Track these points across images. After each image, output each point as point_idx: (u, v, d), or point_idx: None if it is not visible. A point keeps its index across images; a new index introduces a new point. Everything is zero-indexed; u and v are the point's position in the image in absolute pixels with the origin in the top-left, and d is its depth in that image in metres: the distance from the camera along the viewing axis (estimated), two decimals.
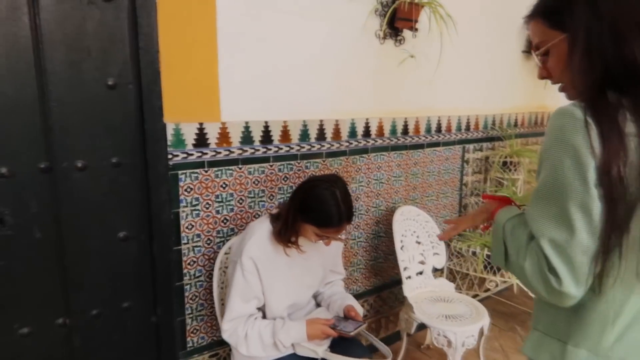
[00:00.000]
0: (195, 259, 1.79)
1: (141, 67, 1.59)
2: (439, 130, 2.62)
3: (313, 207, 1.46)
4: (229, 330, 1.53)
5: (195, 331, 1.84)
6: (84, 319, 1.61)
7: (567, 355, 0.89)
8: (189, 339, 1.83)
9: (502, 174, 2.86)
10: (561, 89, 0.96)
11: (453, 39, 2.32)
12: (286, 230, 1.51)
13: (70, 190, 1.53)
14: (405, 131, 2.43)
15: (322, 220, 1.46)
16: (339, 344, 1.61)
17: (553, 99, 3.42)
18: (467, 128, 2.79)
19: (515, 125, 3.15)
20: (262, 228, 1.56)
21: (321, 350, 1.52)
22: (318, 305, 1.79)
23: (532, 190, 0.90)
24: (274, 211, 1.62)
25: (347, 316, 1.64)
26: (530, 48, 3.05)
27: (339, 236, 1.61)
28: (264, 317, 1.61)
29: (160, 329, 1.76)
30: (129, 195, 1.64)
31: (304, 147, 2.03)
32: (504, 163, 2.86)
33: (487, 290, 2.91)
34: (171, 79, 1.63)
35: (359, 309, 1.69)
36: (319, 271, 1.69)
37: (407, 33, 2.29)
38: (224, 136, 1.78)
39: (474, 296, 2.83)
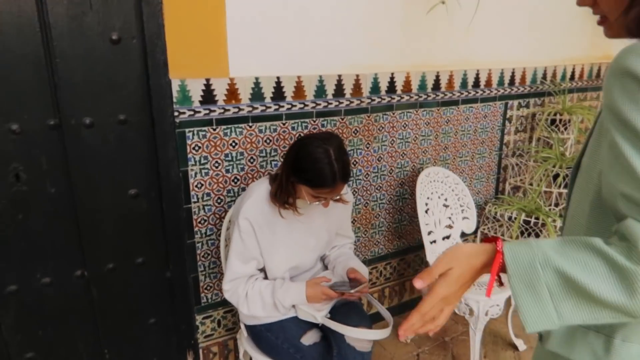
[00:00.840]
0: (205, 218, 1.79)
1: (144, 20, 1.54)
2: (476, 85, 2.39)
3: (305, 167, 1.38)
4: (230, 290, 1.54)
5: (209, 287, 1.88)
6: (100, 272, 1.68)
7: (614, 350, 0.71)
8: (202, 294, 1.87)
9: (549, 133, 2.60)
10: (601, 22, 0.74)
11: None
12: (281, 192, 1.45)
13: (79, 147, 1.55)
14: (436, 86, 2.24)
15: (315, 180, 1.38)
16: (339, 311, 1.57)
17: (621, 47, 3.01)
18: (511, 82, 2.53)
19: (572, 78, 2.82)
20: (260, 189, 1.52)
21: (320, 315, 1.49)
22: (325, 268, 1.75)
23: (607, 154, 0.64)
24: (274, 172, 1.56)
25: (350, 278, 1.59)
26: None
27: (343, 197, 1.53)
28: (266, 278, 1.60)
29: (174, 284, 1.81)
30: (137, 152, 1.64)
31: (319, 104, 1.93)
32: (552, 121, 2.59)
33: None
34: (176, 32, 1.57)
35: (363, 271, 1.63)
36: (323, 234, 1.64)
37: None
38: (232, 92, 1.72)
39: None
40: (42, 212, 1.54)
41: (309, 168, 1.37)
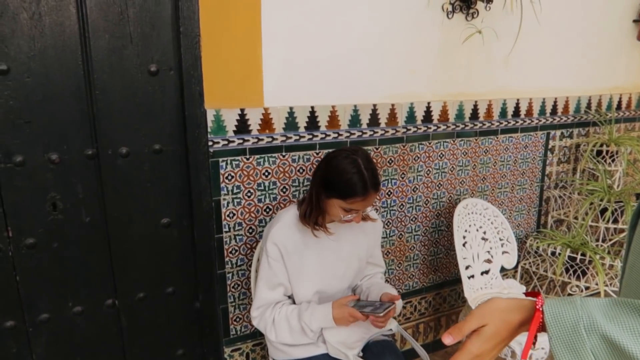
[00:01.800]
0: (237, 248, 1.77)
1: (182, 52, 1.56)
2: (516, 114, 2.31)
3: (335, 179, 1.36)
4: (257, 317, 1.51)
5: (238, 319, 1.84)
6: (131, 301, 1.67)
7: None
8: (232, 326, 1.83)
9: (596, 164, 2.47)
10: None
11: (536, 9, 1.99)
12: (312, 211, 1.43)
13: (114, 176, 1.56)
14: (474, 116, 2.18)
15: (346, 190, 1.35)
16: (372, 350, 1.49)
17: None
18: (553, 111, 2.43)
19: (619, 107, 2.69)
20: (288, 214, 1.50)
21: (352, 354, 1.42)
22: None
23: None
24: (301, 197, 1.53)
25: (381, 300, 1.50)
26: None
27: (370, 215, 1.50)
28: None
29: (203, 314, 1.78)
30: (171, 181, 1.65)
31: (354, 134, 1.89)
32: (599, 152, 2.46)
33: (570, 295, 2.56)
34: (212, 63, 1.58)
35: (399, 302, 1.54)
36: (353, 261, 1.58)
37: (480, 5, 2.01)
38: (266, 122, 1.71)
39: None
40: (77, 241, 1.55)
41: (339, 180, 1.35)
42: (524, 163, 2.43)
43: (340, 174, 1.35)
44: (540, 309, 0.62)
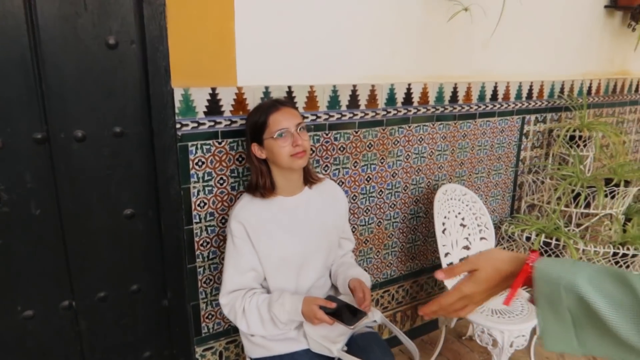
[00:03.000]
0: (208, 240, 1.63)
1: (145, 22, 1.38)
2: (494, 98, 2.27)
3: (253, 122, 1.42)
4: (227, 305, 1.41)
5: (210, 316, 1.70)
6: (90, 302, 1.50)
7: None
8: (203, 324, 1.70)
9: (568, 149, 2.48)
10: None
11: None
12: (259, 174, 1.44)
13: (69, 163, 1.38)
14: (454, 99, 2.11)
15: (262, 116, 1.39)
16: (357, 343, 1.41)
17: (638, 63, 2.93)
18: (529, 96, 2.41)
19: (589, 93, 2.71)
20: (248, 194, 1.46)
21: (336, 349, 1.33)
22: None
23: None
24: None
25: (353, 294, 1.44)
26: (614, 2, 2.59)
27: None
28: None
29: (172, 313, 1.64)
30: (134, 168, 1.48)
31: (332, 116, 1.78)
32: (572, 137, 2.47)
33: None
34: (179, 36, 1.42)
35: (366, 280, 1.50)
36: (324, 231, 1.53)
37: None
38: (240, 103, 1.57)
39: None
40: (25, 237, 1.37)
41: (254, 118, 1.42)
42: (500, 148, 2.40)
43: (253, 114, 1.44)
44: (530, 265, 0.66)
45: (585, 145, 2.47)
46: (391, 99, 1.91)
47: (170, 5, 1.39)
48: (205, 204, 1.59)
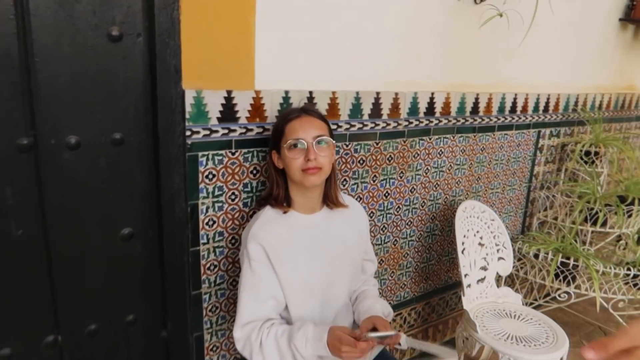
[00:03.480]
0: (216, 263, 1.44)
1: (155, 12, 1.19)
2: (513, 110, 2.16)
3: (276, 123, 1.32)
4: (242, 340, 1.23)
5: (215, 348, 1.51)
6: (79, 336, 1.28)
7: None
8: (207, 357, 1.50)
9: (583, 165, 2.39)
10: None
11: None
12: (275, 185, 1.31)
13: (59, 174, 1.17)
14: (475, 110, 1.99)
15: (282, 123, 1.28)
16: None
17: None
18: (545, 109, 2.31)
19: (600, 107, 2.64)
20: (264, 211, 1.31)
21: None
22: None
23: None
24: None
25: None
26: (629, 16, 2.54)
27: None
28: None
29: (172, 345, 1.43)
30: (135, 181, 1.28)
31: (354, 125, 1.62)
32: (587, 153, 2.38)
33: (553, 299, 2.49)
34: (194, 30, 1.23)
35: (388, 315, 1.41)
36: (348, 252, 1.39)
37: None
38: (257, 108, 1.39)
39: (531, 304, 2.43)
40: (4, 262, 1.14)
41: (277, 122, 1.31)
42: (516, 162, 2.29)
43: (277, 119, 1.35)
44: None
45: (600, 162, 2.39)
46: (414, 109, 1.77)
47: None
48: (214, 222, 1.40)
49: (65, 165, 1.17)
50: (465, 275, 1.95)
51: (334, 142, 1.29)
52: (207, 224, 1.39)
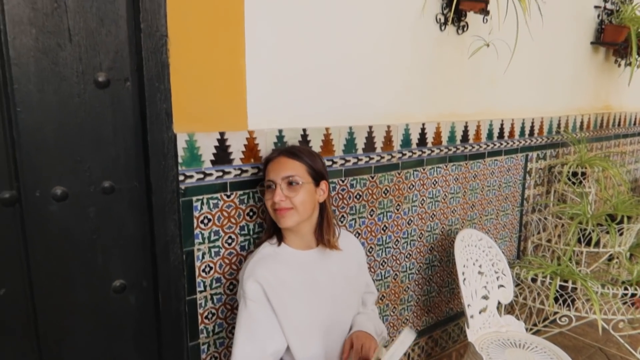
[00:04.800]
0: (214, 311, 1.36)
1: (143, 56, 1.16)
2: (500, 136, 2.17)
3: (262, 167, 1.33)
4: None
5: None
6: None
7: None
8: None
9: (572, 186, 2.41)
10: None
11: (529, 25, 1.86)
12: (270, 220, 1.28)
13: (44, 228, 1.10)
14: (465, 138, 1.99)
15: (266, 159, 1.30)
16: None
17: (618, 98, 2.97)
18: (531, 133, 2.35)
19: (581, 128, 2.69)
20: (261, 248, 1.27)
21: None
22: None
23: None
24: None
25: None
26: (599, 39, 2.63)
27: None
28: None
29: None
30: (126, 230, 1.22)
31: (349, 161, 1.60)
32: (574, 174, 2.41)
33: (553, 322, 2.46)
34: (184, 73, 1.21)
35: (379, 333, 1.37)
36: (349, 285, 1.36)
37: (472, 18, 1.84)
38: (251, 149, 1.35)
39: (531, 329, 2.39)
40: None
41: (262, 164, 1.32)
42: (507, 187, 2.30)
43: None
44: None
45: (587, 182, 2.42)
46: (406, 140, 1.76)
47: (172, 38, 1.18)
48: (211, 268, 1.33)
49: (52, 218, 1.11)
50: (468, 306, 1.91)
51: (311, 182, 1.24)
52: (203, 270, 1.32)
